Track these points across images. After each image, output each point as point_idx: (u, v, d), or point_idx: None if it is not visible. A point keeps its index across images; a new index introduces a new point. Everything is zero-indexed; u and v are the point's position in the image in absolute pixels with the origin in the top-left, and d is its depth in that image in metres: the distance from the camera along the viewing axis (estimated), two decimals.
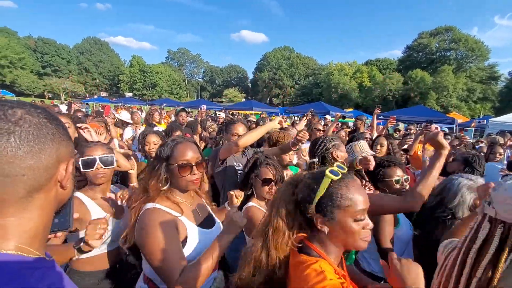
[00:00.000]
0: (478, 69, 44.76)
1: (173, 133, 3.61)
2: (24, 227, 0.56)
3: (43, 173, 0.56)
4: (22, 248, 0.55)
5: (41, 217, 0.59)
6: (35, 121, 0.55)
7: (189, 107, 20.41)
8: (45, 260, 0.59)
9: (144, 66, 65.74)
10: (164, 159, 1.34)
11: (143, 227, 1.20)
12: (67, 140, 0.62)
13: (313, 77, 61.35)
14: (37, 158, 0.54)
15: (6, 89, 38.57)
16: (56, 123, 0.59)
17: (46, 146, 0.55)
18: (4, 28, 58.18)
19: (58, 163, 0.59)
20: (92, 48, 67.83)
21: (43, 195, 0.58)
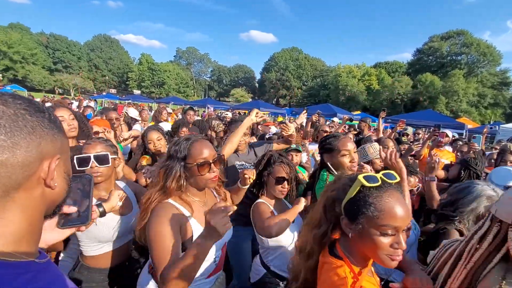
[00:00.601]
0: (489, 74, 43.94)
1: (180, 130, 3.64)
2: (6, 229, 0.52)
3: (19, 170, 0.50)
4: (5, 253, 0.50)
5: (26, 218, 0.54)
6: (10, 112, 0.49)
7: (196, 106, 20.52)
8: (34, 264, 0.54)
9: (152, 64, 66.37)
10: (182, 159, 1.32)
11: (151, 218, 1.25)
12: (53, 134, 0.56)
13: (321, 78, 61.06)
14: (10, 154, 0.49)
15: (18, 84, 39.47)
16: (39, 115, 0.54)
17: (22, 141, 0.50)
18: (18, 24, 59.49)
19: (40, 159, 0.53)
20: (102, 45, 68.80)
21: (23, 194, 0.53)
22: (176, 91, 66.63)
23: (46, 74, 57.11)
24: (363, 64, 55.81)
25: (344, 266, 0.91)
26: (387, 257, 0.87)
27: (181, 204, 1.33)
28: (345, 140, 1.92)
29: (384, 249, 0.86)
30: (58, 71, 60.06)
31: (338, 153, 1.90)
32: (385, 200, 0.87)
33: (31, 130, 0.51)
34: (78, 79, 57.28)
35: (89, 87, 58.76)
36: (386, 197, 0.88)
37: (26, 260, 0.53)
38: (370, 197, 0.88)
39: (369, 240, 0.88)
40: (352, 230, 0.91)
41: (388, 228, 0.85)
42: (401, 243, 0.86)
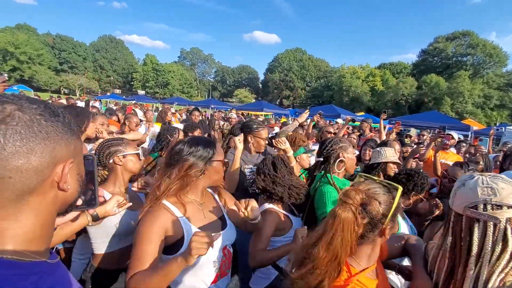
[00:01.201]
0: (495, 75, 43.46)
1: (193, 131, 3.70)
2: (19, 230, 0.53)
3: (34, 175, 0.51)
4: (17, 253, 0.52)
5: (39, 220, 0.55)
6: (26, 118, 0.50)
7: (199, 106, 20.62)
8: (44, 264, 0.56)
9: (157, 65, 66.83)
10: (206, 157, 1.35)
11: (141, 220, 1.26)
12: (67, 138, 0.56)
13: (325, 79, 60.93)
14: (25, 159, 0.49)
15: (24, 84, 39.97)
16: (54, 120, 0.54)
17: (37, 146, 0.50)
18: (24, 25, 60.36)
19: (54, 164, 0.54)
20: (107, 46, 69.46)
21: (37, 198, 0.54)
22: (180, 91, 66.96)
23: (52, 74, 57.80)
24: (367, 65, 55.64)
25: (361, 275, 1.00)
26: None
27: (174, 204, 1.31)
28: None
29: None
30: (64, 72, 60.78)
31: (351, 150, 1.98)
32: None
33: (45, 135, 0.52)
34: (83, 79, 57.92)
35: (94, 88, 59.33)
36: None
37: (36, 260, 0.54)
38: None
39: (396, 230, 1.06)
40: (390, 231, 1.03)
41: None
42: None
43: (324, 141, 2.19)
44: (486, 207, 0.87)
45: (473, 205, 0.89)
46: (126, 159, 1.71)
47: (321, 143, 2.22)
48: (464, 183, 0.95)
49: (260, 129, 2.61)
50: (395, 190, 1.01)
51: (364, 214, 0.96)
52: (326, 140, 2.19)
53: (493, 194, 0.87)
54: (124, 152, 1.71)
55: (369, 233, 0.99)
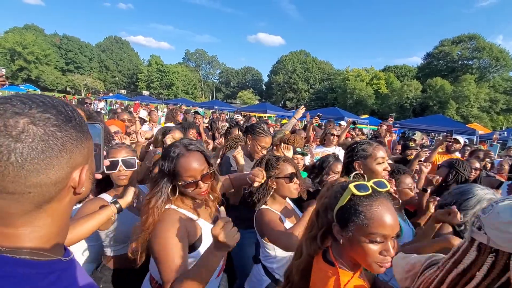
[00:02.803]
0: (502, 79, 43.03)
1: (188, 130, 3.73)
2: (37, 233, 0.54)
3: (52, 187, 0.52)
4: (35, 253, 0.53)
5: (55, 222, 0.57)
6: (41, 132, 0.48)
7: (203, 107, 20.70)
8: (60, 262, 0.57)
9: (161, 66, 67.26)
10: (170, 176, 1.28)
11: (158, 228, 1.21)
12: (81, 144, 0.56)
13: (329, 82, 60.84)
14: (44, 175, 0.50)
15: (31, 84, 40.54)
16: (68, 127, 0.53)
17: (54, 160, 0.50)
18: (32, 26, 61.29)
19: (70, 172, 0.55)
20: (113, 46, 70.12)
21: (54, 205, 0.55)
22: (184, 92, 67.28)
23: (59, 74, 58.47)
24: (372, 67, 55.42)
25: (333, 277, 0.94)
26: (376, 264, 0.90)
27: (185, 209, 1.33)
28: (380, 147, 1.87)
29: (373, 256, 0.89)
30: (70, 72, 61.44)
31: (374, 160, 1.81)
32: (375, 209, 0.89)
33: (61, 147, 0.51)
34: (89, 79, 58.52)
35: (100, 88, 59.90)
36: (376, 205, 0.90)
37: (53, 259, 0.56)
38: (360, 206, 0.90)
39: (358, 247, 0.90)
40: (343, 237, 0.94)
41: (377, 236, 0.88)
42: (390, 251, 0.89)
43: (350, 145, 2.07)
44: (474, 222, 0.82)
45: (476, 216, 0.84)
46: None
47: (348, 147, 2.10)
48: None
49: (261, 135, 2.55)
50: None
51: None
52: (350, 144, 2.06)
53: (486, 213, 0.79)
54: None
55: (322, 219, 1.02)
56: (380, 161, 1.81)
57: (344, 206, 0.93)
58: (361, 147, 1.89)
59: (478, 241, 0.78)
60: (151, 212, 1.23)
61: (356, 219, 0.89)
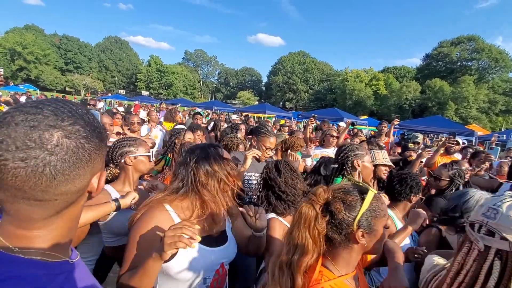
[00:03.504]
0: (501, 80, 43.13)
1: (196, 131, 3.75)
2: (50, 235, 0.56)
3: (75, 194, 0.55)
4: (46, 254, 0.55)
5: (67, 225, 0.59)
6: (73, 145, 0.51)
7: (203, 107, 20.68)
8: (67, 263, 0.59)
9: (161, 66, 67.22)
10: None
11: (140, 218, 1.20)
12: (101, 152, 0.58)
13: (328, 82, 60.91)
14: (72, 184, 0.52)
15: (30, 84, 40.48)
16: (93, 137, 0.55)
17: (81, 171, 0.53)
18: (32, 26, 61.23)
19: (91, 180, 0.57)
20: (112, 46, 70.05)
21: (72, 209, 0.57)
22: (183, 92, 67.24)
23: (58, 74, 58.36)
24: (371, 68, 55.57)
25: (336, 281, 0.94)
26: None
27: (175, 209, 1.25)
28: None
29: (384, 237, 1.01)
30: (70, 72, 61.35)
31: (367, 159, 1.89)
32: (382, 200, 1.01)
33: (88, 157, 0.54)
34: (88, 79, 58.42)
35: (99, 88, 59.82)
36: (380, 198, 1.01)
37: (61, 260, 0.58)
38: (376, 202, 0.98)
39: (380, 237, 0.99)
40: (366, 237, 0.96)
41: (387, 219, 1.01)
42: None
43: (341, 147, 2.15)
44: (480, 229, 0.80)
45: (472, 222, 0.85)
46: (137, 160, 1.79)
47: (338, 148, 2.18)
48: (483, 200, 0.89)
49: (265, 136, 2.58)
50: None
51: (326, 213, 0.95)
52: (342, 146, 2.15)
53: (493, 218, 0.76)
54: (135, 153, 1.78)
55: (336, 235, 0.95)
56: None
57: (367, 209, 0.96)
58: (356, 148, 1.94)
59: (494, 248, 0.73)
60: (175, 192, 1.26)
61: (378, 214, 0.97)
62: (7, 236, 0.53)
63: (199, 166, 1.24)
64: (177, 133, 2.91)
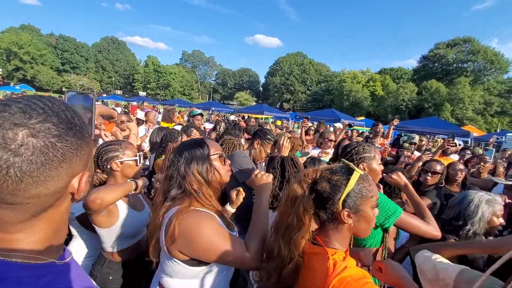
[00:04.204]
0: (496, 82, 43.56)
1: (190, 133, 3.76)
2: (32, 238, 0.54)
3: (51, 197, 0.51)
4: (28, 256, 0.52)
5: (51, 227, 0.56)
6: (40, 145, 0.47)
7: (200, 108, 20.66)
8: (54, 265, 0.56)
9: (158, 67, 67.07)
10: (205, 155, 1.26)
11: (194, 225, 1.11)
12: (81, 151, 0.54)
13: (325, 83, 61.14)
14: (43, 187, 0.49)
15: (26, 84, 40.15)
16: (68, 136, 0.51)
17: (54, 172, 0.49)
18: (28, 26, 60.75)
19: (69, 181, 0.53)
20: (109, 47, 69.76)
21: (52, 211, 0.54)
22: (181, 93, 67.15)
23: (54, 74, 58.06)
24: (368, 70, 55.81)
25: (337, 252, 0.97)
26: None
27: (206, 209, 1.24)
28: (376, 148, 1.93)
29: (375, 218, 1.03)
30: (66, 72, 60.99)
31: (376, 161, 1.80)
32: (370, 182, 1.02)
33: (61, 158, 0.50)
34: (85, 79, 58.11)
35: (95, 88, 59.55)
36: (369, 179, 1.03)
37: (47, 261, 0.55)
38: (364, 182, 0.99)
39: (368, 217, 1.00)
40: (352, 218, 0.99)
41: (375, 202, 1.01)
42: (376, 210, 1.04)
43: (347, 146, 1.99)
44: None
45: None
46: (124, 164, 1.71)
47: (344, 147, 2.01)
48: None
49: (270, 143, 2.61)
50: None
51: (313, 192, 1.00)
52: (348, 145, 1.97)
53: None
54: (122, 158, 1.71)
55: (323, 213, 1.00)
56: (380, 161, 1.83)
57: (352, 189, 0.96)
58: (363, 149, 1.81)
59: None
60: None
61: (365, 194, 0.98)
62: None
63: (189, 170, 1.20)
64: (170, 136, 2.87)
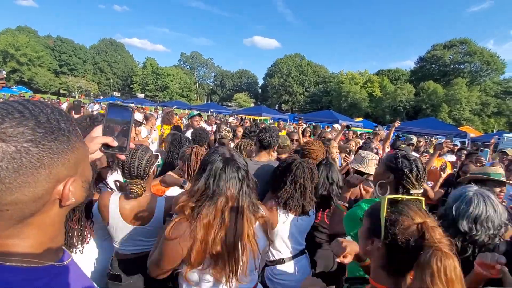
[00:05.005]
0: (493, 83, 43.89)
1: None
2: (26, 243, 0.53)
3: (32, 204, 0.49)
4: (26, 260, 0.52)
5: (44, 232, 0.55)
6: (10, 150, 0.45)
7: (199, 110, 20.65)
8: (52, 268, 0.56)
9: (157, 68, 67.00)
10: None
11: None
12: (64, 155, 0.52)
13: (323, 85, 61.31)
14: (19, 193, 0.47)
15: (24, 86, 39.97)
16: (47, 140, 0.49)
17: (29, 178, 0.47)
18: (25, 27, 60.51)
19: (52, 187, 0.51)
20: (107, 49, 69.66)
21: (39, 217, 0.53)
22: (179, 95, 67.08)
23: (52, 76, 57.82)
24: (366, 71, 56.03)
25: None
26: None
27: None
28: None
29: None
30: (64, 74, 60.77)
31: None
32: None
33: (37, 163, 0.47)
34: (83, 81, 57.96)
35: (93, 90, 59.38)
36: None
37: (44, 264, 0.54)
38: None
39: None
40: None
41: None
42: None
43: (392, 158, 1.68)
44: None
45: None
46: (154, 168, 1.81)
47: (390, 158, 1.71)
48: None
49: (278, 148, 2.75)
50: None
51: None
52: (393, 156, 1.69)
53: None
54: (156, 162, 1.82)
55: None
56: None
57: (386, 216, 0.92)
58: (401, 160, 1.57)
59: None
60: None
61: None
62: None
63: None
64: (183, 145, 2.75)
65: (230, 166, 1.21)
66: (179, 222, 1.18)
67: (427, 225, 0.82)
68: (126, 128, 0.85)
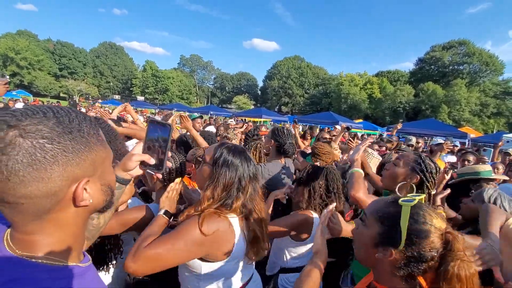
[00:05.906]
0: (492, 83, 43.97)
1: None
2: (49, 240, 0.56)
3: (45, 199, 0.51)
4: (49, 258, 0.55)
5: (66, 231, 0.58)
6: (27, 145, 0.47)
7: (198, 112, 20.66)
8: (75, 267, 0.59)
9: (156, 71, 67.16)
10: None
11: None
12: (80, 156, 0.53)
13: (323, 86, 61.42)
14: (34, 187, 0.49)
15: (24, 89, 40.03)
16: (64, 139, 0.51)
17: (43, 173, 0.49)
18: (25, 31, 60.74)
19: (67, 185, 0.53)
20: (107, 52, 69.90)
21: (57, 215, 0.55)
22: (179, 97, 67.17)
23: (52, 80, 57.98)
24: (365, 72, 56.11)
25: None
26: None
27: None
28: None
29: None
30: (64, 77, 60.98)
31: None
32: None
33: (51, 159, 0.49)
34: (83, 85, 58.13)
35: (94, 93, 59.51)
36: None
37: (66, 264, 0.57)
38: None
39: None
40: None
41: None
42: None
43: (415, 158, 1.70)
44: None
45: None
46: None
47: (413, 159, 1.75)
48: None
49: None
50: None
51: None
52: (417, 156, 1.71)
53: None
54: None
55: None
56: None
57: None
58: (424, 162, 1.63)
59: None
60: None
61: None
62: (12, 239, 0.56)
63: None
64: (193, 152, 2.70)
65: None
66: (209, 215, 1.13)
67: (452, 236, 0.80)
68: (164, 145, 0.85)
